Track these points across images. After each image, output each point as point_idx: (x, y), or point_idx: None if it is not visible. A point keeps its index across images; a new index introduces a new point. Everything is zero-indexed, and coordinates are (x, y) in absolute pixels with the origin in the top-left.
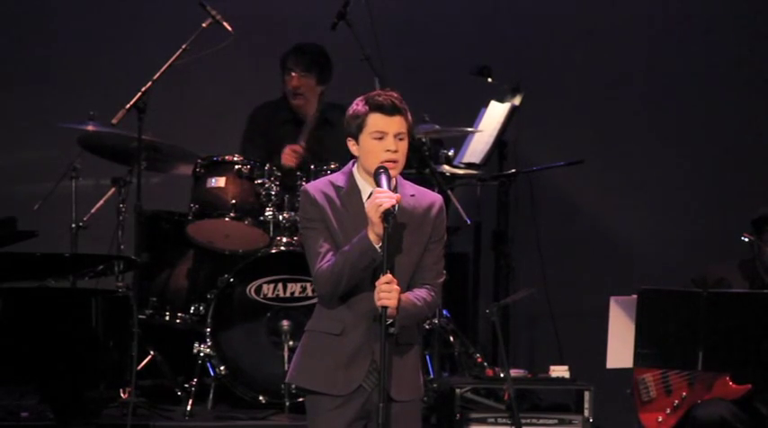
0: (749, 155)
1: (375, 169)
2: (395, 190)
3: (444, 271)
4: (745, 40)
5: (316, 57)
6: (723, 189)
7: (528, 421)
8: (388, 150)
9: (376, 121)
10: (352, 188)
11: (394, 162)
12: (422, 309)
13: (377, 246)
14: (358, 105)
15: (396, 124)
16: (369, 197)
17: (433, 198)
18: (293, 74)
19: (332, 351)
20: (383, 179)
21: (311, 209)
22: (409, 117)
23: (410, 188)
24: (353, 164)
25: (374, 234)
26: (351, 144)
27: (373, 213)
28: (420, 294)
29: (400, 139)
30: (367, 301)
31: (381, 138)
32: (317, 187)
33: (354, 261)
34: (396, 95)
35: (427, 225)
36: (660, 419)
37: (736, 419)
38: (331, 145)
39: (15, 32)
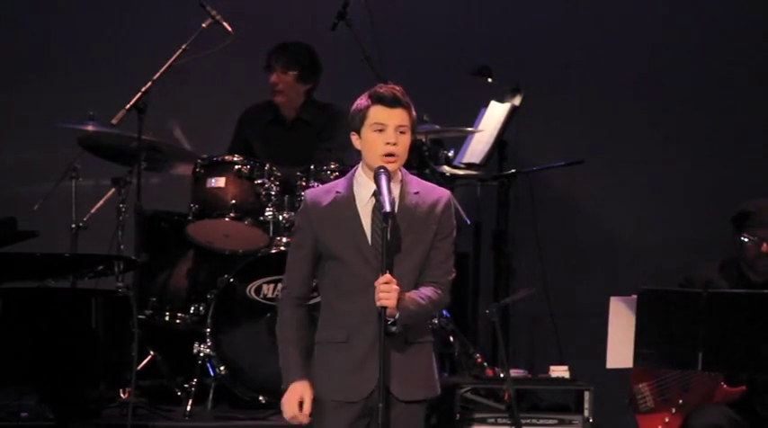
0: (749, 155)
1: (375, 170)
2: (401, 188)
3: (454, 269)
4: (745, 41)
5: (297, 55)
6: (723, 189)
7: (528, 421)
8: (387, 143)
9: (376, 113)
10: (348, 194)
11: (393, 155)
12: (426, 308)
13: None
14: (361, 100)
15: (397, 116)
16: (371, 196)
17: (439, 194)
18: (274, 70)
19: (341, 358)
20: (383, 180)
21: (301, 216)
22: (413, 112)
23: (416, 185)
24: (356, 169)
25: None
26: (354, 138)
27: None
28: (425, 292)
29: (401, 133)
30: (369, 304)
31: (382, 130)
32: (313, 194)
33: (280, 362)
34: (398, 89)
35: (432, 222)
36: None
37: (733, 425)
38: (309, 145)
39: (15, 32)
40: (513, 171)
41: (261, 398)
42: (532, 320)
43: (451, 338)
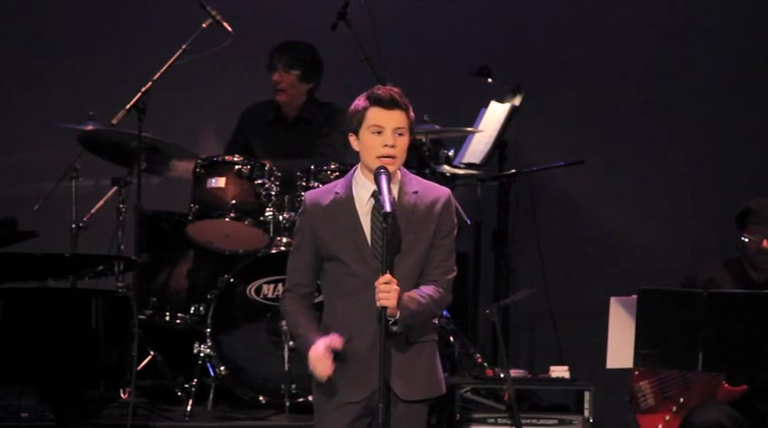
0: (749, 155)
1: (375, 170)
2: (399, 188)
3: (455, 268)
4: (746, 41)
5: (300, 54)
6: (723, 189)
7: (528, 421)
8: (385, 145)
9: (374, 115)
10: (348, 194)
11: (392, 157)
12: (427, 307)
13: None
14: (359, 101)
15: (395, 119)
16: (370, 197)
17: (438, 193)
18: (276, 69)
19: (342, 359)
20: (383, 180)
21: (301, 218)
22: (411, 113)
23: (415, 184)
24: (355, 170)
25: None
26: (352, 139)
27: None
28: (426, 291)
29: (399, 135)
30: (369, 304)
31: (380, 132)
32: (313, 196)
33: (297, 341)
34: (396, 90)
35: (431, 221)
36: (660, 427)
37: (734, 422)
38: (309, 143)
39: (15, 32)
40: (513, 171)
41: (261, 398)
42: (532, 320)
43: (451, 338)
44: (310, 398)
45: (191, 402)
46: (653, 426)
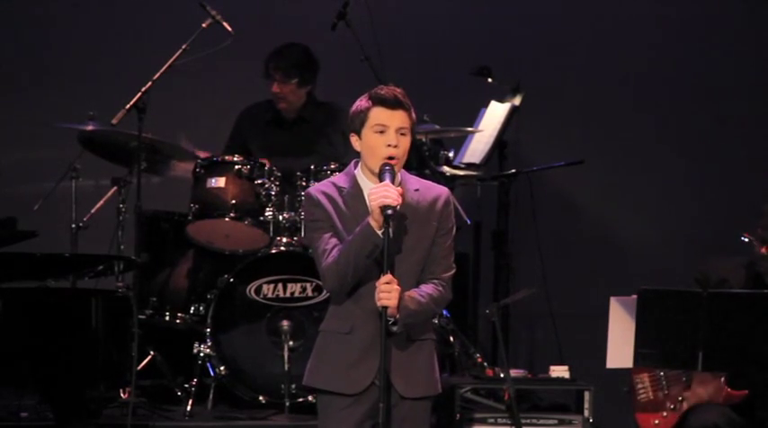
0: (750, 154)
1: (380, 167)
2: (399, 186)
3: (454, 266)
4: (746, 40)
5: (296, 60)
6: (723, 189)
7: (528, 421)
8: (389, 145)
9: (378, 115)
10: (355, 188)
11: (395, 157)
12: (427, 306)
13: (379, 232)
14: (361, 101)
15: (398, 118)
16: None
17: (438, 191)
18: (274, 80)
19: (342, 349)
20: (387, 177)
21: (315, 210)
22: (413, 114)
23: (415, 183)
24: (355, 166)
25: (375, 221)
26: (353, 139)
27: (375, 203)
28: (426, 290)
29: (402, 134)
30: (373, 302)
31: (383, 131)
32: (318, 189)
33: (358, 248)
34: (399, 90)
35: (433, 219)
36: (657, 422)
37: (731, 424)
38: (309, 142)
39: (15, 33)
40: (513, 171)
41: (261, 398)
42: (532, 320)
43: (451, 338)
44: (310, 398)
45: (190, 402)
46: (650, 421)
